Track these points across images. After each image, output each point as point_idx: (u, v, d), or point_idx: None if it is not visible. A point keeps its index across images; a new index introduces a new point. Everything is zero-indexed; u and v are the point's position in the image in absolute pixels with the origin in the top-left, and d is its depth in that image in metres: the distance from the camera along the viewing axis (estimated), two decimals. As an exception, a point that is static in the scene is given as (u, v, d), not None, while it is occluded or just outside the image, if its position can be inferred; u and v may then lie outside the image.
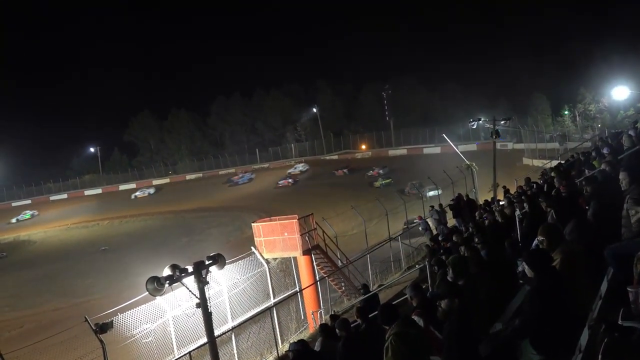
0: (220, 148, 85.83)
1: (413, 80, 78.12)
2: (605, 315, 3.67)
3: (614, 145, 12.34)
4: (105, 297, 28.38)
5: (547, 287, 4.22)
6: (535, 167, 35.02)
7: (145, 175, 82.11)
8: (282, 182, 62.63)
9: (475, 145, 55.16)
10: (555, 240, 5.03)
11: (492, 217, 12.26)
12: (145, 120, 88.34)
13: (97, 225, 60.15)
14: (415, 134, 68.64)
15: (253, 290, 16.98)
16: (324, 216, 23.92)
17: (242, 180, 69.31)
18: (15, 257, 50.87)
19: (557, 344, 4.04)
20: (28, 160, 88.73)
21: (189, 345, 13.15)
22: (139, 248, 43.31)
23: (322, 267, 20.21)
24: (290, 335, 16.40)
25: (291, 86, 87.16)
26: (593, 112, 55.89)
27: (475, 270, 6.34)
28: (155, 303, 12.91)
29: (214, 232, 46.45)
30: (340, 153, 74.17)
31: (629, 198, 5.32)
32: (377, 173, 56.04)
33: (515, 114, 53.70)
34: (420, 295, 6.29)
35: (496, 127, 25.59)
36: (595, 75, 52.30)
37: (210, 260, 7.89)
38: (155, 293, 7.48)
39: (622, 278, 4.16)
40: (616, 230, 5.48)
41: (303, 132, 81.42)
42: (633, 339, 2.98)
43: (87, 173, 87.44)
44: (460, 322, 4.43)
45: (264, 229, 20.60)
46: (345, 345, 6.53)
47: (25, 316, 29.95)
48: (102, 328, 10.08)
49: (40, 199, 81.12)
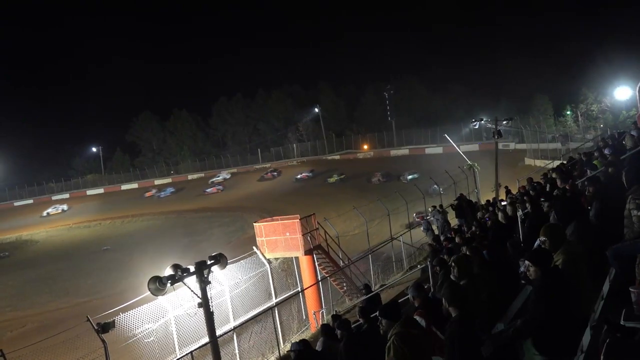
0: (222, 148, 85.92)
1: (415, 81, 78.10)
2: (607, 316, 3.66)
3: (616, 145, 12.32)
4: (107, 297, 28.43)
5: (551, 286, 4.21)
6: (537, 167, 34.95)
7: (147, 176, 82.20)
8: (210, 190, 66.93)
9: (477, 146, 55.09)
10: (558, 240, 5.01)
11: (494, 217, 12.25)
12: (148, 121, 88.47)
13: (99, 225, 60.28)
14: (417, 134, 68.57)
15: (255, 290, 16.99)
16: (325, 216, 23.91)
17: (165, 194, 70.82)
18: (17, 257, 51.00)
19: (560, 344, 4.04)
20: (30, 160, 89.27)
21: (191, 345, 13.16)
22: (141, 248, 43.35)
23: (324, 267, 20.21)
24: (292, 335, 16.40)
25: (293, 87, 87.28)
26: (595, 112, 55.74)
27: (477, 271, 6.33)
28: (157, 303, 12.92)
29: (215, 232, 46.49)
30: (342, 153, 74.16)
31: (632, 198, 5.31)
32: None
33: (517, 114, 53.61)
34: (422, 296, 6.28)
35: (498, 127, 25.56)
36: (598, 75, 52.18)
37: (212, 260, 7.90)
38: (157, 293, 7.49)
39: (625, 279, 4.15)
40: (618, 230, 5.47)
41: (305, 133, 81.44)
42: (635, 339, 2.97)
43: (89, 173, 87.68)
44: (463, 322, 4.42)
45: (266, 228, 20.61)
46: (346, 346, 6.53)
47: (27, 316, 30.01)
48: (104, 328, 10.07)
49: (43, 199, 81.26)
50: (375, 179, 53.53)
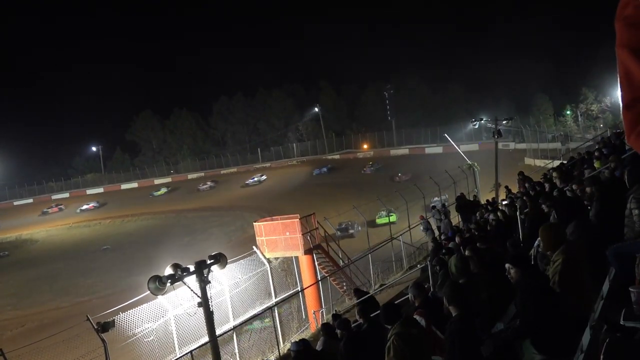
0: (223, 148, 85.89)
1: (415, 80, 78.07)
2: (607, 316, 3.66)
3: (617, 145, 12.32)
4: (107, 296, 28.47)
5: (532, 286, 4.30)
6: (537, 167, 34.90)
7: (147, 175, 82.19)
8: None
9: (477, 145, 55.07)
10: (557, 240, 5.01)
11: (494, 216, 12.25)
12: (148, 120, 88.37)
13: (98, 225, 60.25)
14: (417, 134, 68.59)
15: (254, 289, 16.99)
16: (325, 215, 23.92)
17: None
18: (17, 256, 50.99)
19: (559, 344, 4.04)
20: (30, 159, 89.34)
21: (191, 344, 13.16)
22: (141, 247, 43.39)
23: (324, 267, 20.22)
24: (291, 335, 16.40)
25: (293, 86, 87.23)
26: (595, 112, 55.77)
27: (476, 270, 6.33)
28: (156, 302, 12.93)
29: (215, 232, 46.48)
30: (342, 153, 74.18)
31: (633, 197, 5.30)
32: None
33: (517, 114, 53.64)
34: (422, 295, 6.28)
35: (498, 126, 25.56)
36: (598, 75, 52.22)
37: (212, 260, 7.90)
38: (157, 292, 7.50)
39: (625, 278, 4.15)
40: (619, 230, 5.46)
41: (305, 132, 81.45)
42: (635, 339, 2.97)
43: (89, 172, 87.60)
44: (463, 322, 4.42)
45: (266, 228, 20.61)
46: (346, 345, 6.53)
47: (27, 315, 30.04)
48: (103, 327, 10.09)
49: (42, 198, 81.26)
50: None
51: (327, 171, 63.73)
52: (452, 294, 4.60)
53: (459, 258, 6.42)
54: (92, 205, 70.30)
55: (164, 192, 71.35)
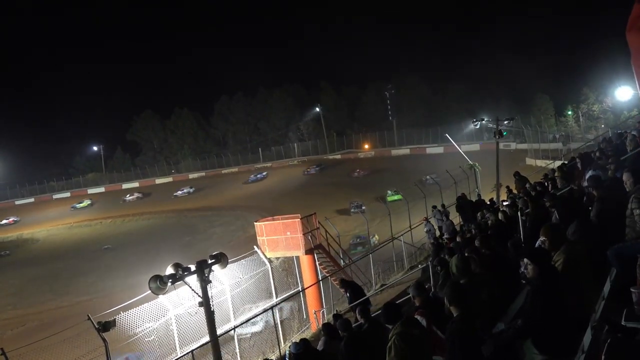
0: (223, 147, 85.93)
1: (416, 80, 78.05)
2: (608, 316, 3.66)
3: (618, 145, 12.28)
4: (108, 296, 28.50)
5: (548, 285, 4.23)
6: (538, 167, 34.90)
7: (148, 174, 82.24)
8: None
9: (478, 145, 55.10)
10: (558, 240, 5.01)
11: (494, 217, 12.23)
12: (149, 119, 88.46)
13: (99, 224, 60.32)
14: (418, 134, 68.63)
15: (255, 289, 16.99)
16: (326, 215, 23.93)
17: None
18: (18, 256, 51.06)
19: (560, 344, 4.04)
20: (31, 159, 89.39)
21: (192, 344, 13.16)
22: (142, 247, 43.44)
23: (325, 267, 20.20)
24: (292, 335, 16.40)
25: (294, 86, 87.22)
26: (596, 112, 55.68)
27: (477, 271, 6.33)
28: (157, 302, 12.94)
29: (216, 231, 46.54)
30: (343, 153, 74.18)
31: (634, 198, 5.30)
32: None
33: (519, 114, 53.57)
34: (423, 295, 6.28)
35: (499, 127, 25.53)
36: (599, 75, 52.09)
37: (213, 259, 7.89)
38: (158, 292, 7.49)
39: (626, 279, 4.15)
40: (620, 230, 5.46)
41: (306, 132, 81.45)
42: (636, 339, 2.97)
43: (90, 172, 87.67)
44: (463, 322, 4.42)
45: (267, 228, 20.60)
46: (347, 345, 6.53)
47: (28, 314, 30.10)
48: (104, 326, 10.09)
49: (43, 198, 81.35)
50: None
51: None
52: (453, 294, 4.60)
53: (460, 258, 6.41)
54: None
55: (87, 204, 72.23)
